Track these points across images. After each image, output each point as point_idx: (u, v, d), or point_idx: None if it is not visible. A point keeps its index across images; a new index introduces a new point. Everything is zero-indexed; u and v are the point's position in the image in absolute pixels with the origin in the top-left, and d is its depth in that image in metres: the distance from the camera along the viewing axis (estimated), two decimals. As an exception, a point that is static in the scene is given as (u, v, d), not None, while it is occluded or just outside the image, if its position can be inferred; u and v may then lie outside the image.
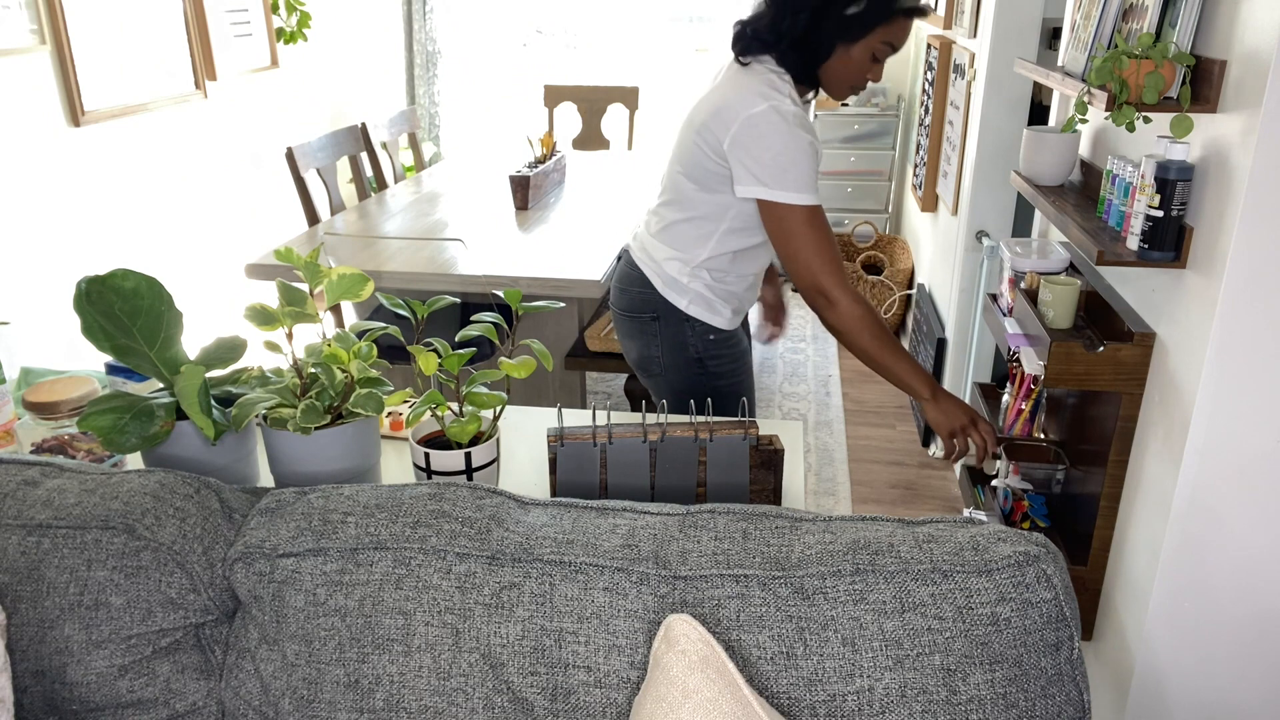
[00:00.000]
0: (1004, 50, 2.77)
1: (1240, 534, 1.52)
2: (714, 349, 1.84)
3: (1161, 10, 1.50)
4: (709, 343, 1.83)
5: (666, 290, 1.80)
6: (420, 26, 4.87)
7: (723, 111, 1.64)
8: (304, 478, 1.21)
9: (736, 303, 1.83)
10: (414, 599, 0.97)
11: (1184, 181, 1.44)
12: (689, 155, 1.71)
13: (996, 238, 2.90)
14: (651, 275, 1.82)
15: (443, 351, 1.25)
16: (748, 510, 1.03)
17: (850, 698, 0.90)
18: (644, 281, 1.83)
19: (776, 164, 1.60)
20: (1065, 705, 0.92)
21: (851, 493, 3.00)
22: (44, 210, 2.87)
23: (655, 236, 1.83)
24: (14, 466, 1.12)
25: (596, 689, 0.93)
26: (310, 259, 1.20)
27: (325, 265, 1.24)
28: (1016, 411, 2.10)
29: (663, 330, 1.83)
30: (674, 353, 1.85)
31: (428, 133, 5.08)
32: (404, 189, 3.46)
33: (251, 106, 3.96)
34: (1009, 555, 0.93)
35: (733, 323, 1.84)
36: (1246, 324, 1.40)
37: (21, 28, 2.74)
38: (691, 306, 1.80)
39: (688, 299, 1.79)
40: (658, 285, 1.81)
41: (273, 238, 4.19)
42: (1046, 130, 1.90)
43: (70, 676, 1.01)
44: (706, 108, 1.69)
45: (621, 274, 1.90)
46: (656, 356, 1.87)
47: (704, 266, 1.77)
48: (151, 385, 1.40)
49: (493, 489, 1.09)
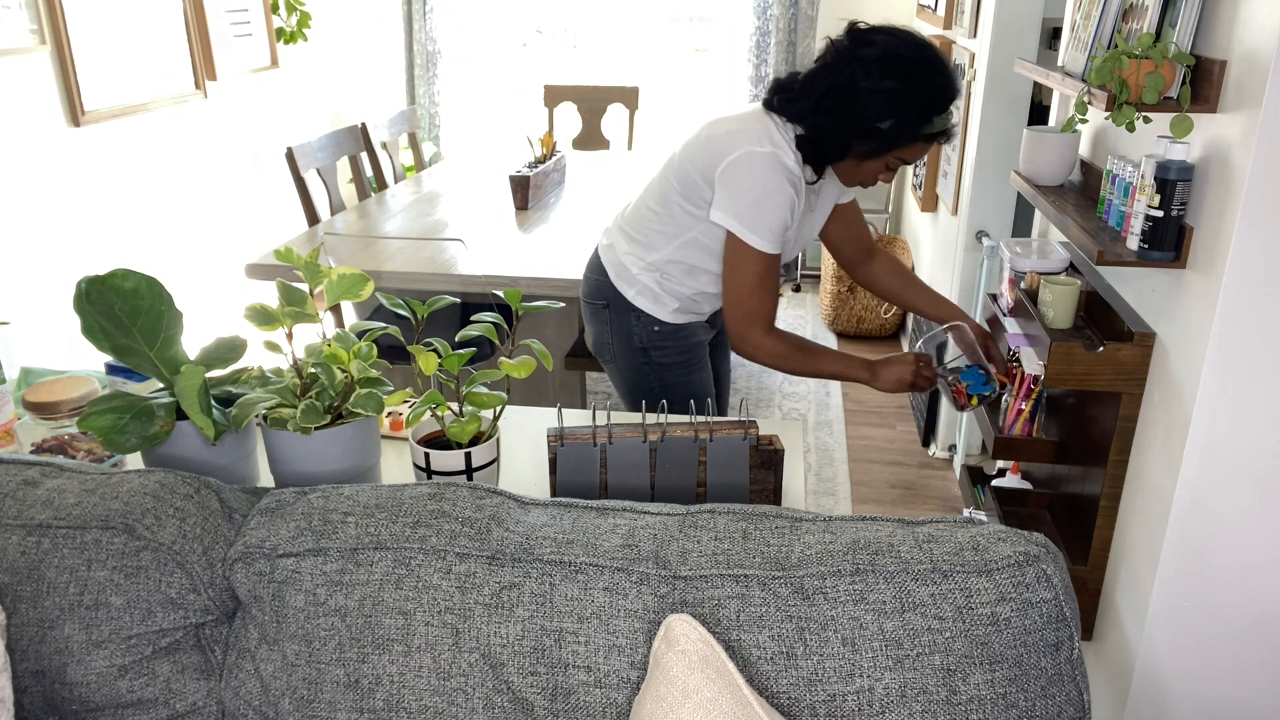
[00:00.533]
0: (1004, 50, 2.77)
1: (1240, 534, 1.52)
2: (658, 340, 1.90)
3: (1161, 10, 1.50)
4: (653, 334, 1.89)
5: (617, 280, 1.88)
6: (420, 26, 4.87)
7: (733, 137, 1.69)
8: (304, 478, 1.21)
9: (684, 302, 1.87)
10: (414, 599, 0.97)
11: (1184, 181, 1.44)
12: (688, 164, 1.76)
13: (996, 238, 2.90)
14: (607, 264, 1.90)
15: (443, 351, 1.25)
16: (748, 510, 1.03)
17: (850, 698, 0.90)
18: (600, 269, 1.92)
19: (757, 207, 1.66)
20: (1065, 705, 0.92)
21: (851, 493, 3.01)
22: (44, 210, 2.87)
23: (623, 229, 1.91)
24: (14, 466, 1.12)
25: (596, 689, 0.93)
26: (310, 259, 1.20)
27: (325, 265, 1.24)
28: (1016, 411, 2.11)
29: (612, 318, 1.91)
30: (621, 340, 1.92)
31: (428, 133, 5.08)
32: (404, 189, 3.46)
33: (251, 106, 3.96)
34: (1009, 555, 0.93)
35: (677, 317, 1.89)
36: (1246, 324, 1.40)
37: (21, 28, 2.74)
38: (638, 298, 1.87)
39: (635, 290, 1.86)
40: (610, 274, 1.89)
41: (273, 238, 4.19)
42: (1046, 130, 1.90)
43: (70, 676, 1.01)
44: (723, 129, 1.73)
45: (589, 261, 1.99)
46: (608, 343, 1.95)
47: (656, 266, 1.84)
48: (151, 385, 1.40)
49: (493, 489, 1.09)
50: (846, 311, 4.20)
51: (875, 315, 4.19)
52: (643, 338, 1.90)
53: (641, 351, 1.91)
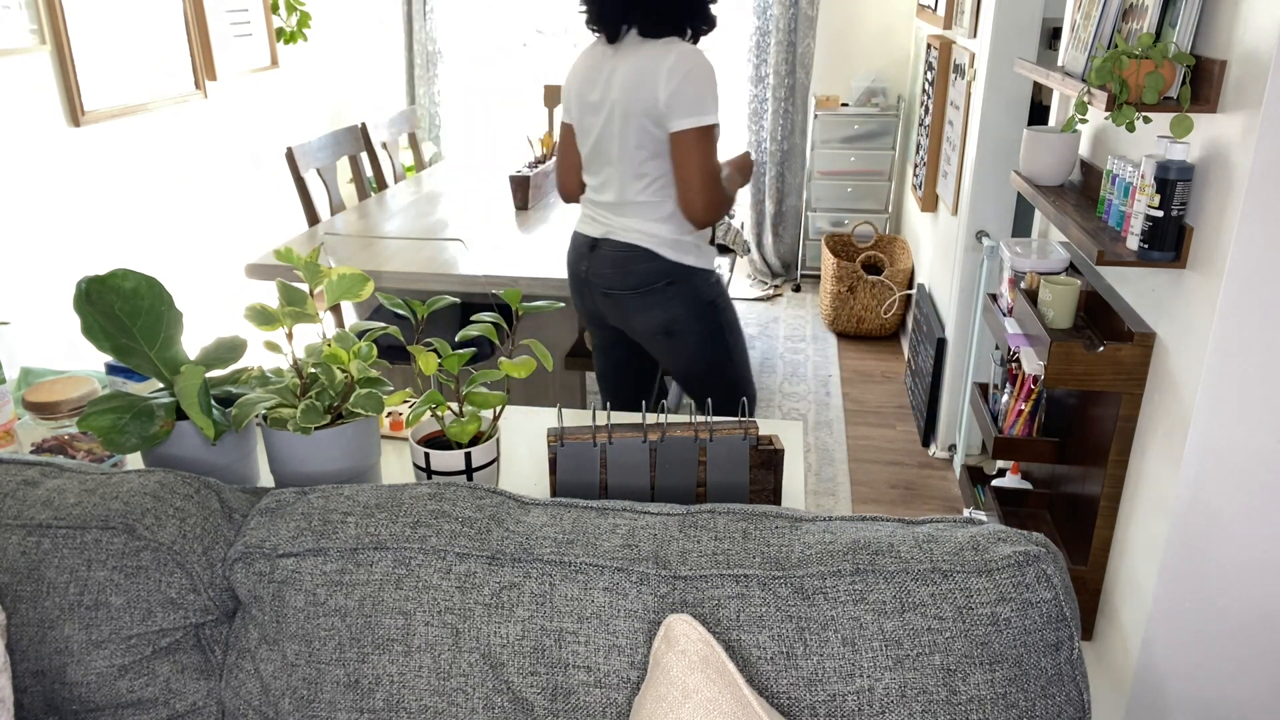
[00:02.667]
0: (1004, 50, 2.77)
1: (1240, 534, 1.52)
2: (716, 288, 2.06)
3: (1161, 10, 1.50)
4: (711, 285, 2.04)
5: (672, 253, 1.98)
6: (420, 26, 4.87)
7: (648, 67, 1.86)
8: (304, 478, 1.21)
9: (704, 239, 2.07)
10: (414, 599, 0.97)
11: (1184, 181, 1.44)
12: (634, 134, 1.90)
13: (996, 238, 2.90)
14: (654, 246, 1.98)
15: (443, 351, 1.25)
16: (748, 510, 1.03)
17: (850, 698, 0.90)
18: (649, 255, 1.98)
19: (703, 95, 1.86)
20: (1065, 705, 0.92)
21: (851, 493, 3.01)
22: (44, 210, 2.87)
23: (630, 215, 1.99)
24: (14, 466, 1.12)
25: (596, 689, 0.93)
26: (310, 259, 1.20)
27: (325, 265, 1.24)
28: (1017, 412, 2.11)
29: (679, 291, 2.01)
30: (692, 305, 2.03)
31: (428, 133, 5.08)
32: (404, 189, 3.46)
33: (251, 106, 3.96)
34: (1009, 555, 0.93)
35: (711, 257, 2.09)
36: (1246, 324, 1.40)
37: (21, 28, 2.74)
38: (693, 259, 2.00)
39: (691, 256, 2.00)
40: (664, 253, 1.98)
41: (273, 238, 4.19)
42: (1046, 130, 1.90)
43: (70, 676, 1.01)
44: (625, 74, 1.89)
45: (615, 260, 2.02)
46: (678, 316, 2.03)
47: (674, 216, 1.97)
48: (151, 385, 1.40)
49: (493, 489, 1.09)
50: (846, 312, 4.21)
51: (875, 315, 4.19)
52: (708, 293, 2.03)
53: (710, 306, 2.04)
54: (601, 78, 1.94)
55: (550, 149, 3.40)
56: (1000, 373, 2.24)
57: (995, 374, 2.28)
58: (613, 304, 2.06)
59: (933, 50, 3.57)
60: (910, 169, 4.28)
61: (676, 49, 1.85)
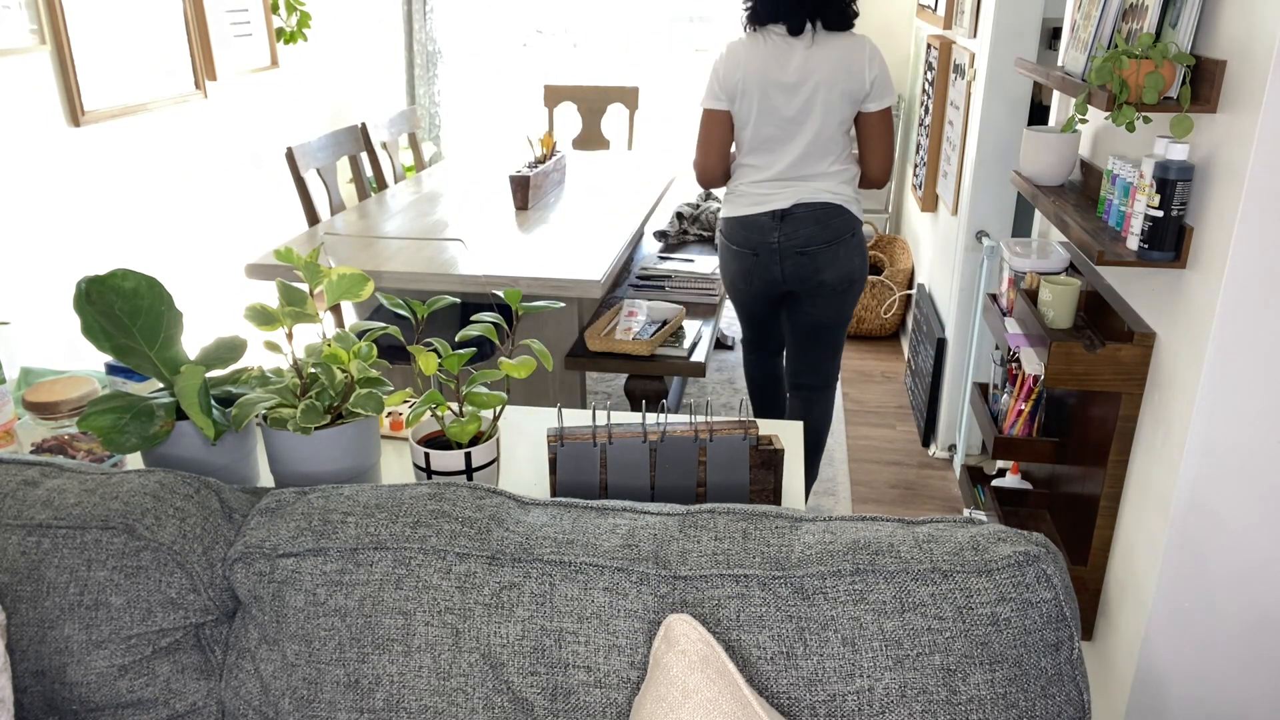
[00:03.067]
0: (1004, 50, 2.77)
1: (1240, 534, 1.52)
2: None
3: (1161, 10, 1.50)
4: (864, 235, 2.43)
5: (855, 209, 2.38)
6: (420, 26, 4.87)
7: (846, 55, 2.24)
8: (304, 478, 1.21)
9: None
10: (414, 599, 0.97)
11: (1184, 181, 1.44)
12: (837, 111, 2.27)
13: (996, 238, 2.90)
14: (843, 202, 2.35)
15: (443, 351, 1.25)
16: (748, 510, 1.03)
17: (850, 698, 0.90)
18: (839, 210, 2.34)
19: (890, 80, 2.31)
20: (1065, 705, 0.92)
21: (851, 493, 3.00)
22: (44, 210, 2.87)
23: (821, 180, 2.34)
24: (14, 466, 1.12)
25: (596, 689, 0.93)
26: (310, 259, 1.20)
27: (325, 265, 1.24)
28: (1016, 412, 2.11)
29: (858, 242, 2.39)
30: (863, 255, 2.42)
31: (428, 133, 5.08)
32: (404, 189, 3.46)
33: (251, 106, 3.96)
34: (1009, 555, 0.93)
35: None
36: (1246, 324, 1.40)
37: (21, 28, 2.74)
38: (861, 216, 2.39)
39: (860, 214, 2.39)
40: (852, 209, 2.36)
41: (273, 238, 4.19)
42: (1046, 130, 1.90)
43: (70, 676, 1.01)
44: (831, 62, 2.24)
45: (815, 217, 2.34)
46: (858, 264, 2.40)
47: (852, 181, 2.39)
48: (151, 385, 1.40)
49: (493, 489, 1.09)
50: (846, 311, 4.20)
51: (875, 315, 4.19)
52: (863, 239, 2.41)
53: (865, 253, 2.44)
54: (793, 64, 2.25)
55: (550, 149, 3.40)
56: (1000, 373, 2.24)
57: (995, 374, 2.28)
58: (808, 260, 2.35)
59: (933, 50, 3.57)
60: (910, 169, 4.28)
61: (867, 41, 2.25)
